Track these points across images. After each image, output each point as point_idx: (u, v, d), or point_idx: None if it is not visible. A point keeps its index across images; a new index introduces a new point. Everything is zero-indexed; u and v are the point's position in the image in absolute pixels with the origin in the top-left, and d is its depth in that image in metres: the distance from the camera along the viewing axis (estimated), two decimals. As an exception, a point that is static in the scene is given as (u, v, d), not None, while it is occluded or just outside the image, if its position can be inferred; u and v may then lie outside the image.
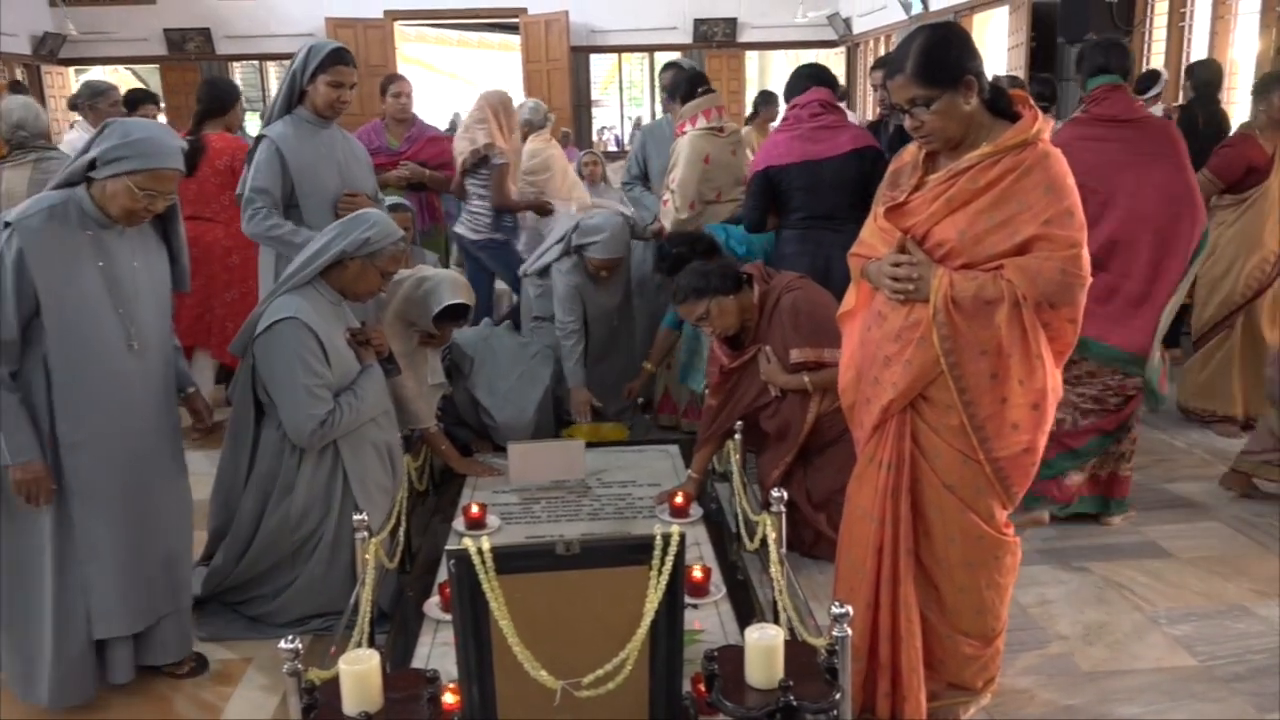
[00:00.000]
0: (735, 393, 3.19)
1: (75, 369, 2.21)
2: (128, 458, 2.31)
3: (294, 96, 3.10)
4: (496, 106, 4.78)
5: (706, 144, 4.12)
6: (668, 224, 4.15)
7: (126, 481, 2.31)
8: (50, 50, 11.88)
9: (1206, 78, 5.23)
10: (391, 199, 4.01)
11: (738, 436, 3.16)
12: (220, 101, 4.63)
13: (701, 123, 4.17)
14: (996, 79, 4.89)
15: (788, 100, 3.91)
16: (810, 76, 3.87)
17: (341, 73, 3.08)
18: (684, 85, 4.31)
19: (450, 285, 3.31)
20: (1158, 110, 6.53)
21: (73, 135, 4.61)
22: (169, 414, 2.44)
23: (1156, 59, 7.07)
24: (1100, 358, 3.14)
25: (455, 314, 3.33)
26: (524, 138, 5.22)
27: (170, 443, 2.44)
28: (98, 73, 14.36)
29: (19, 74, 11.54)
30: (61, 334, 2.19)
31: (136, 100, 5.04)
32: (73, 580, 2.29)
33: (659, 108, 12.97)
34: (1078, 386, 3.18)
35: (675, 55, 13.09)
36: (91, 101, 4.73)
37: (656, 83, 4.62)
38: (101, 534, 2.29)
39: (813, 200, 3.65)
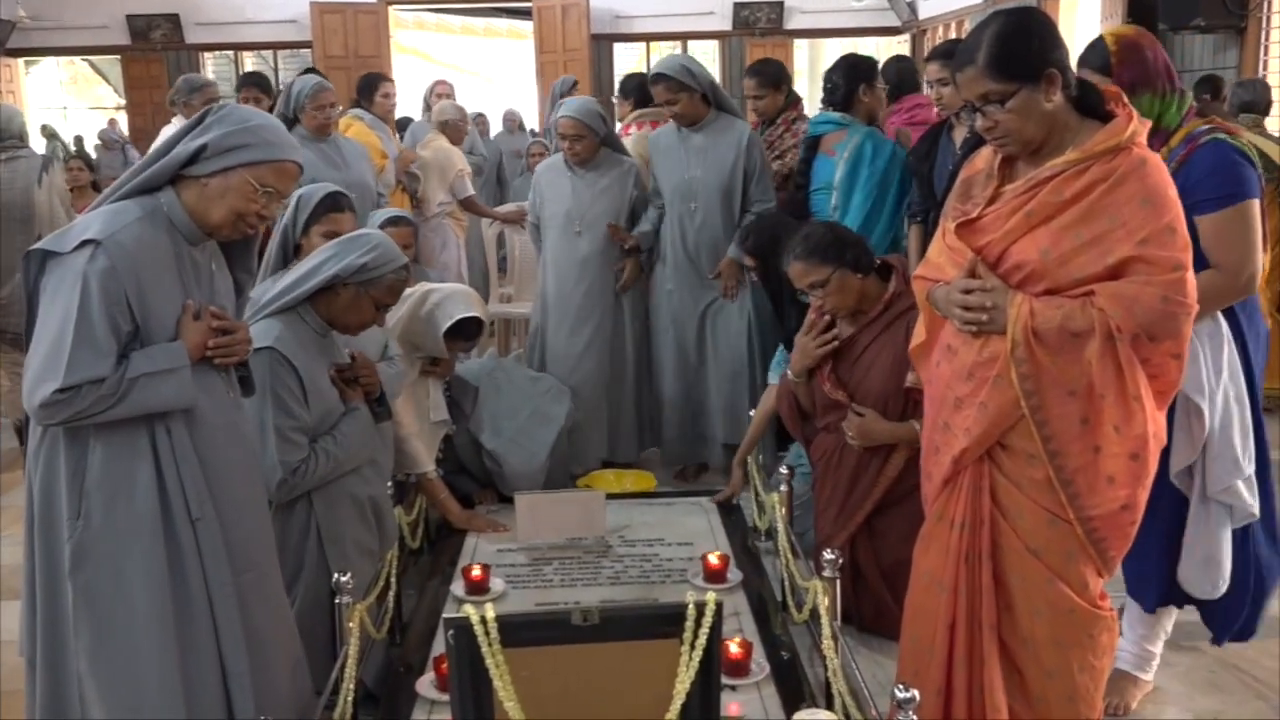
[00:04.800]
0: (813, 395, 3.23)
1: (191, 421, 2.07)
2: (256, 533, 2.22)
3: (288, 254, 3.18)
4: None
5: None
6: None
7: (249, 563, 2.17)
8: (-3, 40, 12.19)
9: None
10: (391, 211, 4.06)
11: (783, 488, 3.15)
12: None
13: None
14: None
15: (897, 97, 4.78)
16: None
17: (337, 221, 3.14)
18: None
19: (461, 299, 3.36)
20: None
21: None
22: (259, 474, 2.37)
23: (1276, 48, 7.04)
24: None
25: (466, 332, 3.38)
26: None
27: (265, 506, 2.36)
28: (51, 64, 14.73)
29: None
30: None
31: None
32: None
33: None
34: None
35: (712, 44, 13.23)
36: (188, 98, 5.02)
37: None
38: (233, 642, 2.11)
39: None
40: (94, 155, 10.87)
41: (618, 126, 5.20)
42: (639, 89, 5.16)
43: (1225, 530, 2.49)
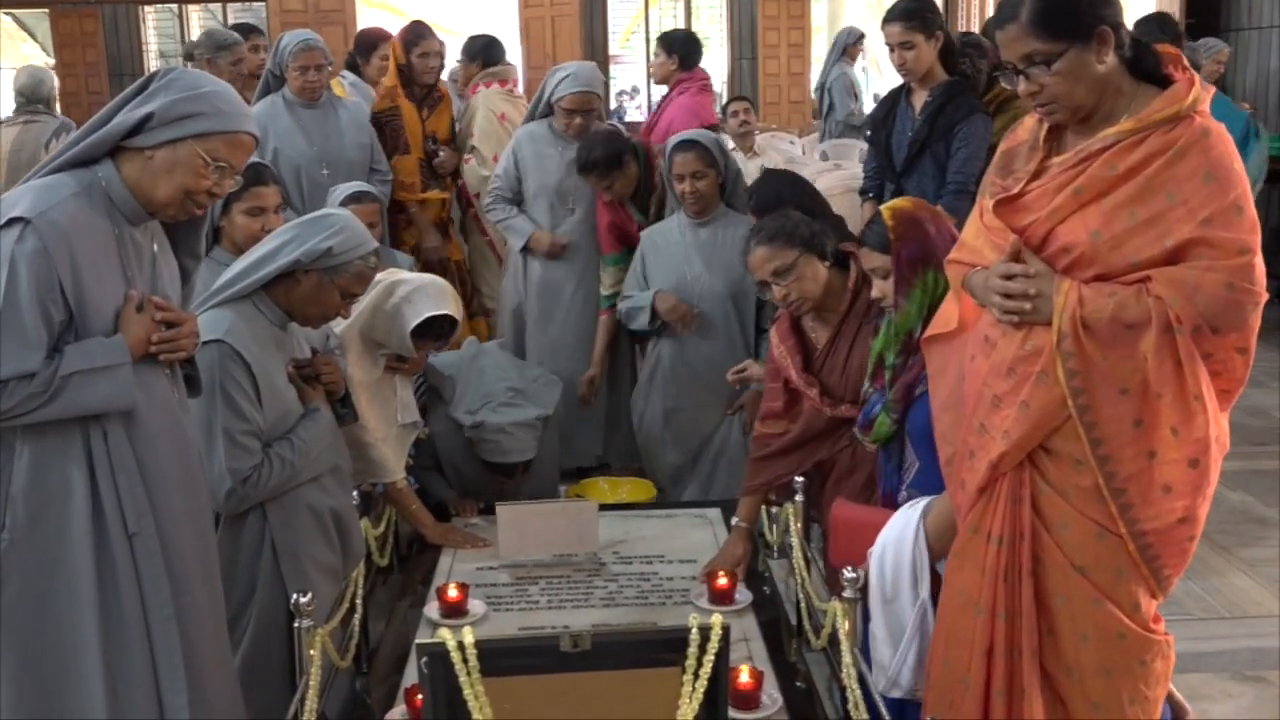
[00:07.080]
0: (808, 427, 3.19)
1: (130, 425, 2.09)
2: (199, 552, 2.25)
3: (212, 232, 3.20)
4: None
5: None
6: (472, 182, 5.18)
7: (189, 584, 2.19)
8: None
9: None
10: (354, 186, 4.03)
11: (799, 499, 3.16)
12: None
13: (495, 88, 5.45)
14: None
15: (690, 67, 5.61)
16: None
17: (261, 195, 3.19)
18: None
19: (433, 293, 3.34)
20: None
21: None
22: (205, 485, 2.39)
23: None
24: None
25: (437, 330, 3.36)
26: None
27: (210, 520, 2.40)
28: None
29: None
30: None
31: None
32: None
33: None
34: None
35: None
36: (212, 56, 4.92)
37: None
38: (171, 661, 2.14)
39: None
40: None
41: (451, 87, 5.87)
42: (485, 50, 5.78)
43: None
